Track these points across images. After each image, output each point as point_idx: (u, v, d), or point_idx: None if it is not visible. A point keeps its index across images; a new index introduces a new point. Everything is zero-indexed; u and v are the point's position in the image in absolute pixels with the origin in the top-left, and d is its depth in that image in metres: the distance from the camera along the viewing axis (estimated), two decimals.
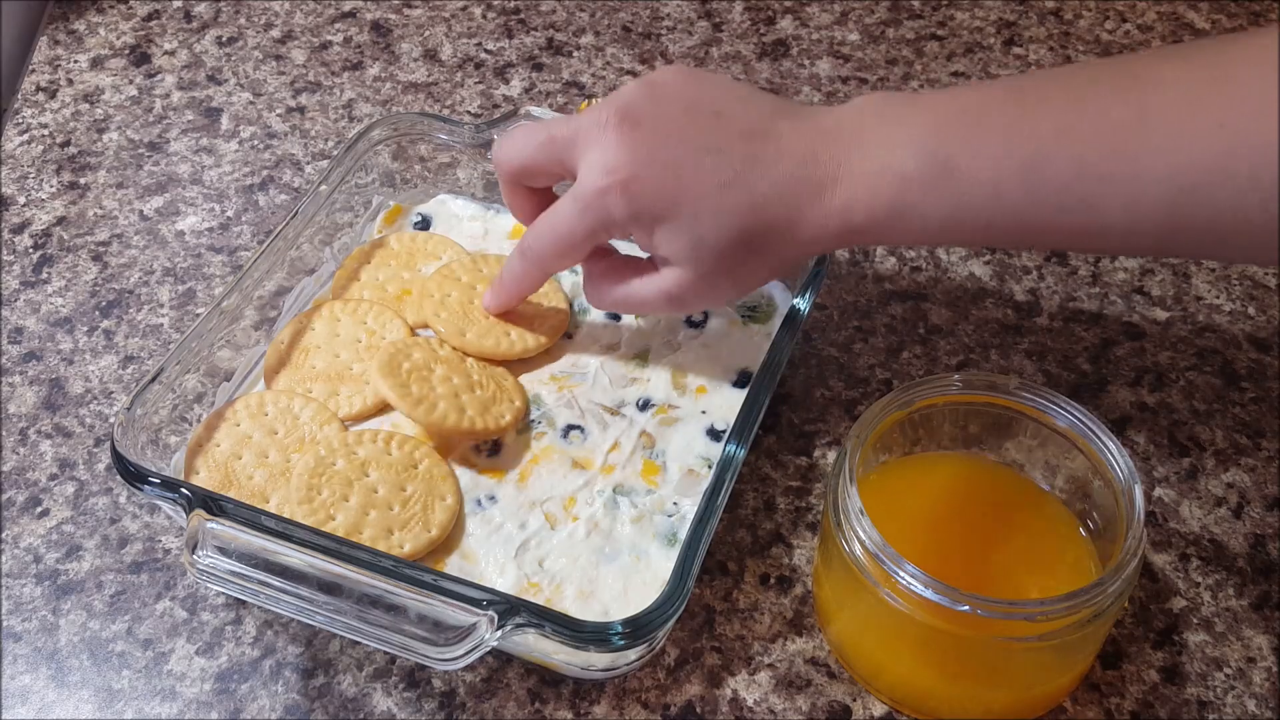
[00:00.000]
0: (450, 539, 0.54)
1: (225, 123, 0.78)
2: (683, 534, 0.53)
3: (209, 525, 0.48)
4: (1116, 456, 0.49)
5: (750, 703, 0.51)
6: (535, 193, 0.57)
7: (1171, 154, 0.43)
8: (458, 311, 0.60)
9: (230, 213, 0.72)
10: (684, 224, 0.50)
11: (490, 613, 0.46)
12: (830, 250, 0.52)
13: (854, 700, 0.51)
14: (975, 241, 0.54)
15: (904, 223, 0.48)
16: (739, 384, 0.60)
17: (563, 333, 0.61)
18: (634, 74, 0.80)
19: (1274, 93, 0.41)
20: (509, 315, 0.60)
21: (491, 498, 0.55)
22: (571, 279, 0.64)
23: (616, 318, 0.63)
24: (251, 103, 0.79)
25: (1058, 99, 0.46)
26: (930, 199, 0.47)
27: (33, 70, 0.81)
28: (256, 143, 0.76)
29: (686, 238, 0.50)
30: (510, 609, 0.46)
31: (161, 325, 0.66)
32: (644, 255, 0.54)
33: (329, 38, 0.84)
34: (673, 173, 0.50)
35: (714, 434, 0.58)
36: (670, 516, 0.54)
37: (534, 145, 0.54)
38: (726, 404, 0.58)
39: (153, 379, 0.54)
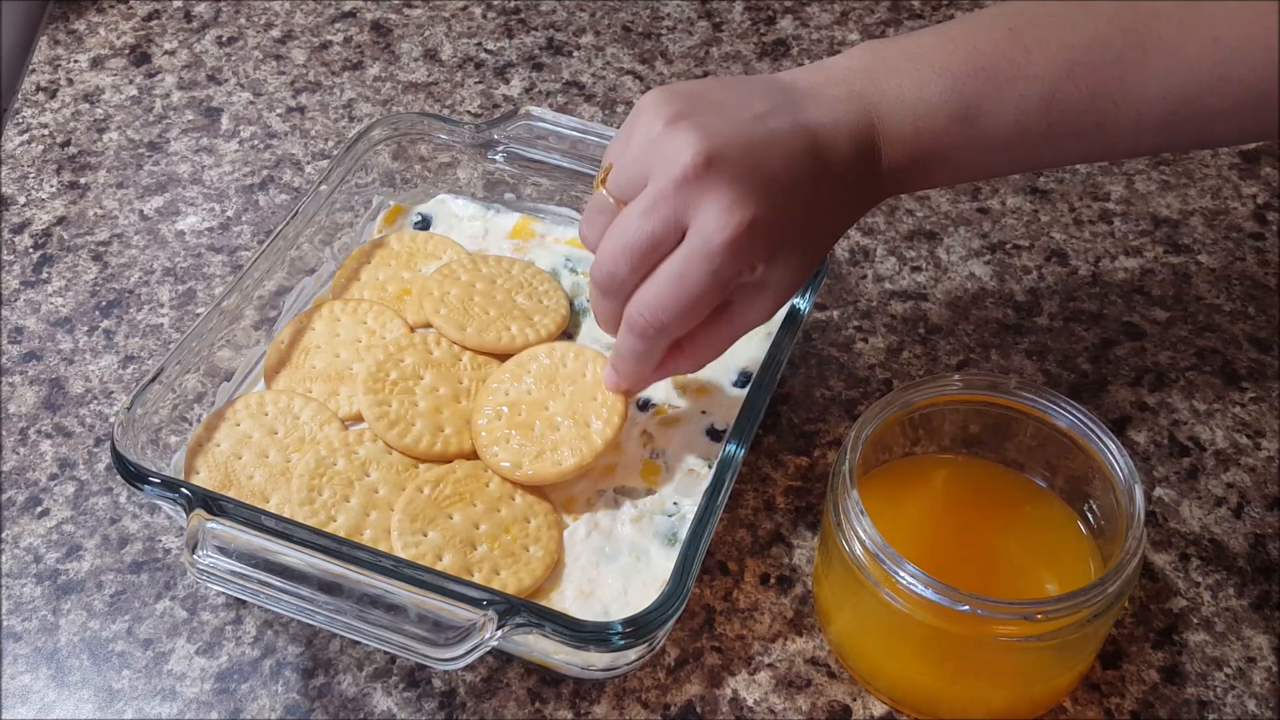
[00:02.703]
0: None
1: (225, 123, 0.78)
2: (683, 534, 0.53)
3: (209, 525, 0.48)
4: (1116, 456, 0.49)
5: (750, 703, 0.51)
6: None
7: (1171, 75, 0.47)
8: (458, 308, 0.60)
9: (230, 213, 0.72)
10: (790, 253, 0.49)
11: (490, 613, 0.46)
12: (885, 197, 0.52)
13: (854, 700, 0.51)
14: (996, 172, 0.56)
15: (934, 167, 0.50)
16: (739, 384, 0.60)
17: (564, 328, 0.61)
18: (634, 74, 0.80)
19: (1258, 8, 0.46)
20: (510, 311, 0.60)
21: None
22: (572, 279, 0.64)
23: None
24: (251, 103, 0.79)
25: (1058, 37, 0.48)
26: (958, 146, 0.49)
27: (33, 70, 0.81)
28: (256, 143, 0.76)
29: (794, 265, 0.49)
30: (510, 609, 0.46)
31: (161, 325, 0.66)
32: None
33: (329, 38, 0.84)
34: (776, 213, 0.47)
35: (714, 434, 0.58)
36: (670, 516, 0.54)
37: (636, 253, 0.48)
38: (726, 404, 0.58)
39: (153, 379, 0.54)
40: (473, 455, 0.55)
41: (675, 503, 0.55)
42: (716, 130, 0.47)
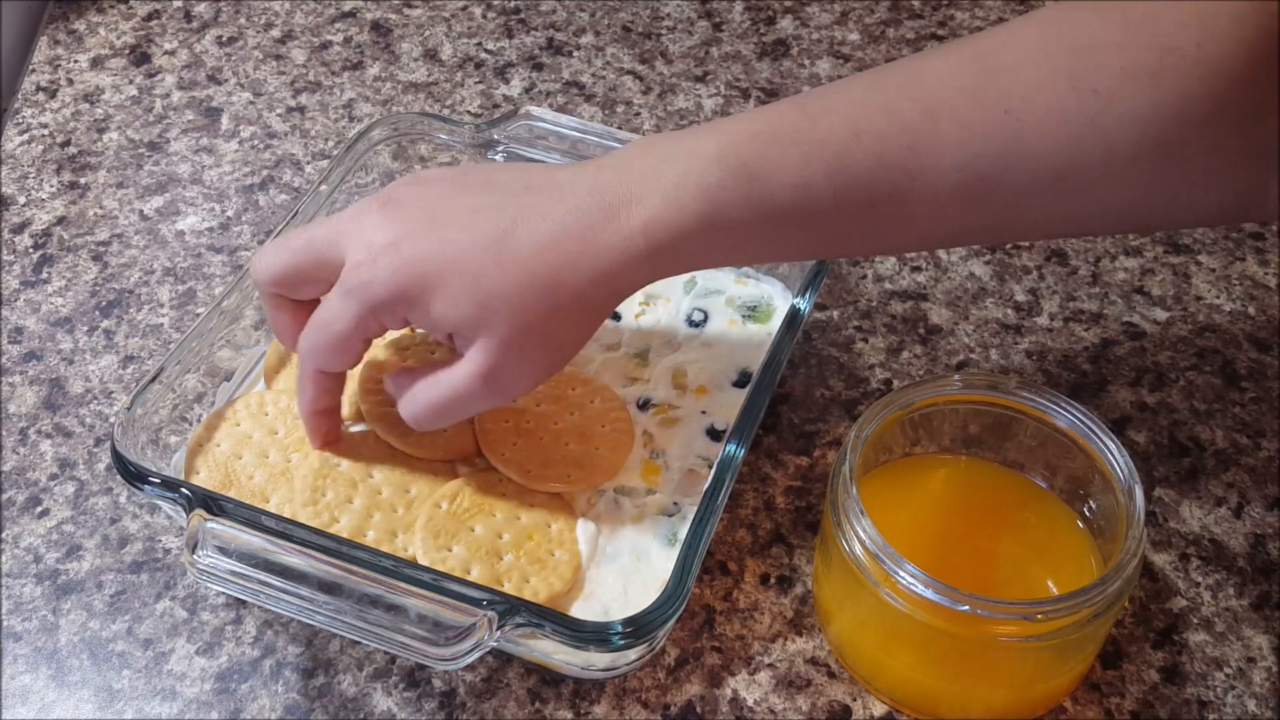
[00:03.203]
0: None
1: (225, 123, 0.78)
2: (683, 534, 0.53)
3: (209, 525, 0.48)
4: (1116, 456, 0.49)
5: (750, 703, 0.51)
6: (301, 308, 0.51)
7: (964, 145, 0.44)
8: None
9: (230, 213, 0.72)
10: (465, 282, 0.46)
11: (490, 613, 0.46)
12: (641, 284, 0.48)
13: (854, 700, 0.51)
14: (789, 250, 0.50)
15: (714, 234, 0.46)
16: (739, 384, 0.60)
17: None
18: (634, 74, 0.80)
19: (1045, 74, 0.43)
20: None
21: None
22: None
23: (616, 317, 0.63)
24: (251, 103, 0.79)
25: (844, 109, 0.46)
26: (738, 205, 0.45)
27: (33, 70, 0.81)
28: (256, 143, 0.76)
29: (471, 296, 0.46)
30: (510, 609, 0.46)
31: (161, 325, 0.66)
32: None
33: (329, 38, 0.84)
34: (440, 236, 0.46)
35: (714, 434, 0.58)
36: (670, 516, 0.54)
37: (292, 250, 0.49)
38: (726, 404, 0.58)
39: (153, 379, 0.54)
40: (470, 454, 0.55)
41: (675, 503, 0.55)
42: (413, 233, 0.47)
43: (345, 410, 0.56)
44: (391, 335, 0.60)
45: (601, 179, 0.46)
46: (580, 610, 0.51)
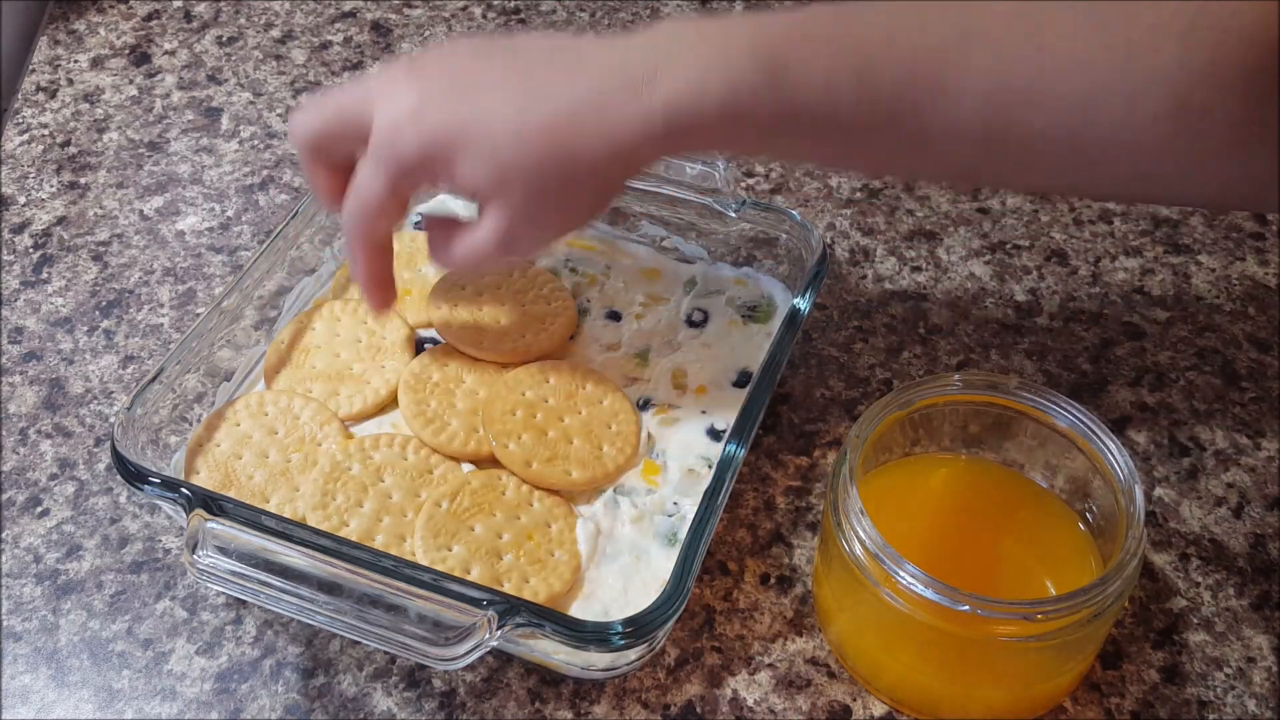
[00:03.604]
0: None
1: (225, 122, 0.78)
2: (683, 534, 0.53)
3: (209, 525, 0.48)
4: (1116, 456, 0.49)
5: (750, 703, 0.51)
6: (337, 171, 0.53)
7: (990, 75, 0.44)
8: (470, 323, 0.60)
9: (230, 213, 0.72)
10: (483, 151, 0.47)
11: (490, 613, 0.46)
12: (654, 159, 0.48)
13: (854, 700, 0.51)
14: (803, 152, 0.51)
15: (733, 122, 0.46)
16: (739, 384, 0.60)
17: (572, 329, 0.61)
18: None
19: (1078, 17, 0.43)
20: (519, 319, 0.60)
21: None
22: (573, 279, 0.64)
23: (616, 317, 0.63)
24: (251, 102, 0.79)
25: (880, 17, 0.46)
26: (761, 97, 0.45)
27: (33, 70, 0.81)
28: (256, 142, 0.76)
29: (489, 165, 0.47)
30: (510, 609, 0.46)
31: (161, 325, 0.66)
32: None
33: (329, 38, 0.84)
34: (464, 100, 0.47)
35: (714, 434, 0.58)
36: (670, 516, 0.54)
37: (325, 111, 0.51)
38: (726, 404, 0.58)
39: (153, 379, 0.54)
40: (488, 458, 0.56)
41: (675, 503, 0.55)
42: (438, 96, 0.48)
43: (415, 318, 0.61)
44: (392, 337, 0.60)
45: (627, 54, 0.47)
46: (580, 610, 0.51)
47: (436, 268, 0.56)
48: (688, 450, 0.57)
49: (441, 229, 0.52)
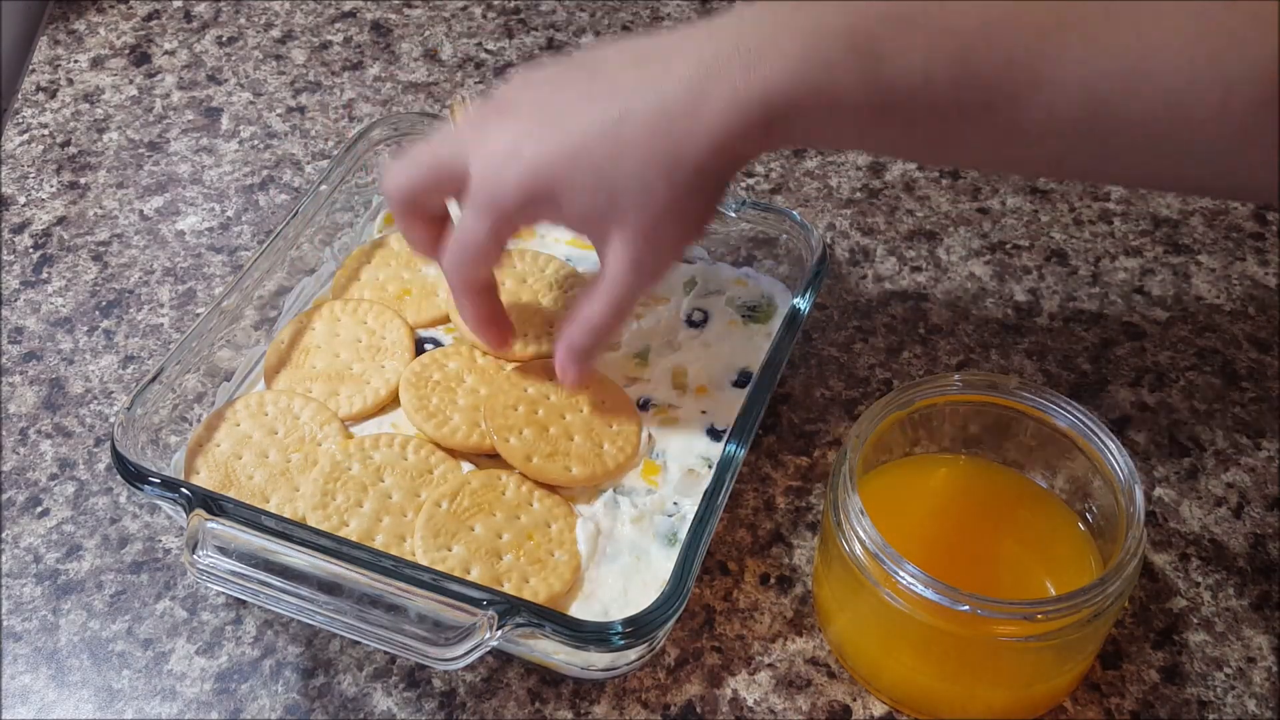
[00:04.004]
0: None
1: (225, 123, 0.78)
2: (683, 534, 0.53)
3: (209, 525, 0.48)
4: (1116, 456, 0.49)
5: (750, 703, 0.51)
6: (433, 222, 0.53)
7: (1089, 61, 0.43)
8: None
9: (230, 213, 0.72)
10: (587, 180, 0.46)
11: (490, 613, 0.46)
12: (757, 154, 0.48)
13: (854, 700, 0.51)
14: (897, 142, 0.49)
15: (829, 111, 0.45)
16: (739, 384, 0.60)
17: None
18: None
19: (1179, 4, 0.42)
20: (531, 317, 0.60)
21: None
22: (575, 279, 0.64)
23: None
24: (251, 103, 0.79)
25: (976, 4, 0.44)
26: (857, 85, 0.44)
27: (33, 70, 0.81)
28: (256, 143, 0.76)
29: (595, 194, 0.46)
30: (510, 609, 0.46)
31: (161, 325, 0.66)
32: None
33: (329, 38, 0.84)
34: (557, 133, 0.46)
35: (714, 434, 0.58)
36: (670, 516, 0.54)
37: (418, 166, 0.51)
38: (726, 404, 0.58)
39: (153, 379, 0.54)
40: (493, 451, 0.56)
41: (675, 503, 0.55)
42: (530, 134, 0.48)
43: (415, 318, 0.61)
44: (392, 337, 0.60)
45: (715, 44, 0.45)
46: (580, 610, 0.51)
47: (572, 346, 0.52)
48: (688, 450, 0.57)
49: (565, 324, 0.52)
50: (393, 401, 0.58)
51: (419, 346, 0.61)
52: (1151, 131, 0.44)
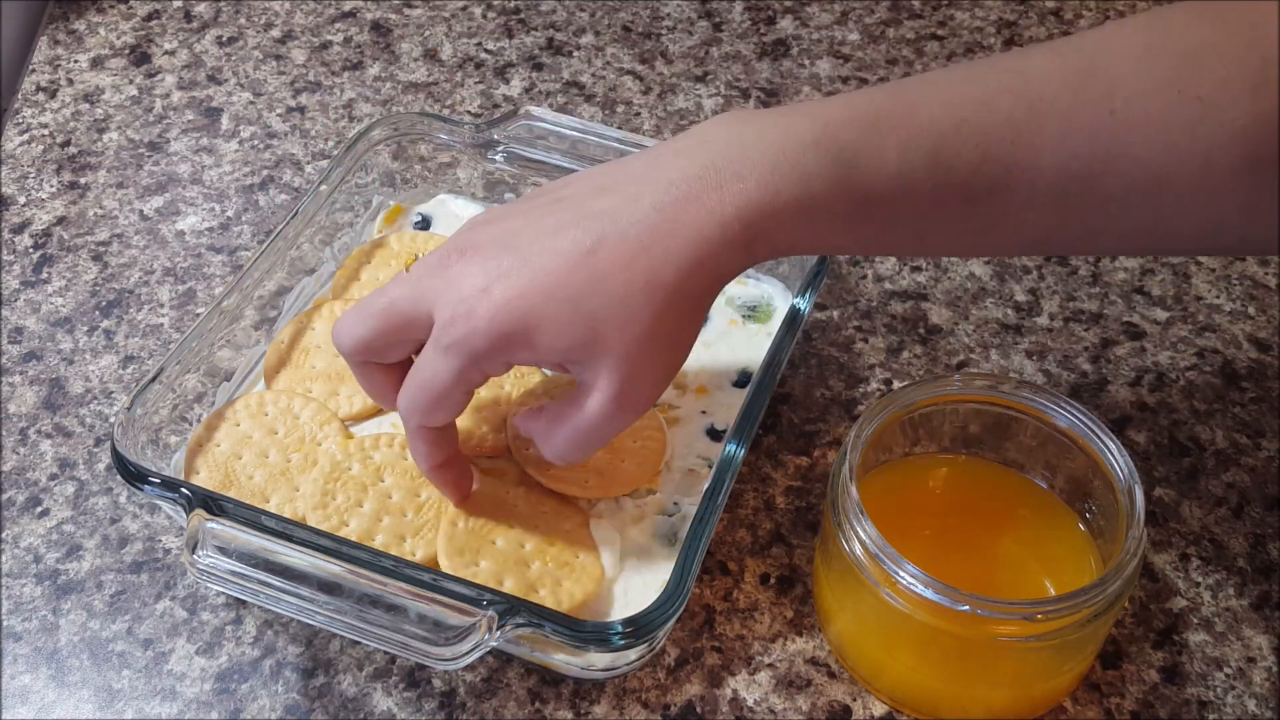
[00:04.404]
0: None
1: (225, 123, 0.78)
2: (683, 534, 0.53)
3: (209, 525, 0.48)
4: (1116, 456, 0.49)
5: (750, 703, 0.51)
6: (392, 370, 0.50)
7: (1065, 143, 0.43)
8: None
9: (230, 213, 0.72)
10: (565, 314, 0.44)
11: (490, 613, 0.46)
12: (737, 271, 0.46)
13: (854, 700, 0.51)
14: (877, 242, 0.48)
15: (808, 221, 0.44)
16: (739, 384, 0.60)
17: None
18: (634, 74, 0.80)
19: (1149, 76, 0.42)
20: None
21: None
22: None
23: None
24: (251, 103, 0.79)
25: (943, 98, 0.44)
26: (833, 193, 0.44)
27: (33, 70, 0.81)
28: (256, 143, 0.76)
29: (574, 327, 0.44)
30: (510, 609, 0.46)
31: (161, 325, 0.66)
32: None
33: (329, 38, 0.84)
34: (528, 269, 0.44)
35: (714, 434, 0.58)
36: (670, 516, 0.54)
37: (374, 316, 0.48)
38: (726, 404, 0.58)
39: (153, 379, 0.54)
40: (504, 453, 0.55)
41: (675, 503, 0.55)
42: (498, 276, 0.45)
43: (350, 409, 0.57)
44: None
45: (683, 166, 0.44)
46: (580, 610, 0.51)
47: (553, 460, 0.49)
48: (688, 450, 0.57)
49: (537, 419, 0.49)
50: None
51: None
52: (1133, 205, 0.44)
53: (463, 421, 0.56)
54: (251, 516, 0.49)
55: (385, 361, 0.49)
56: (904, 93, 0.45)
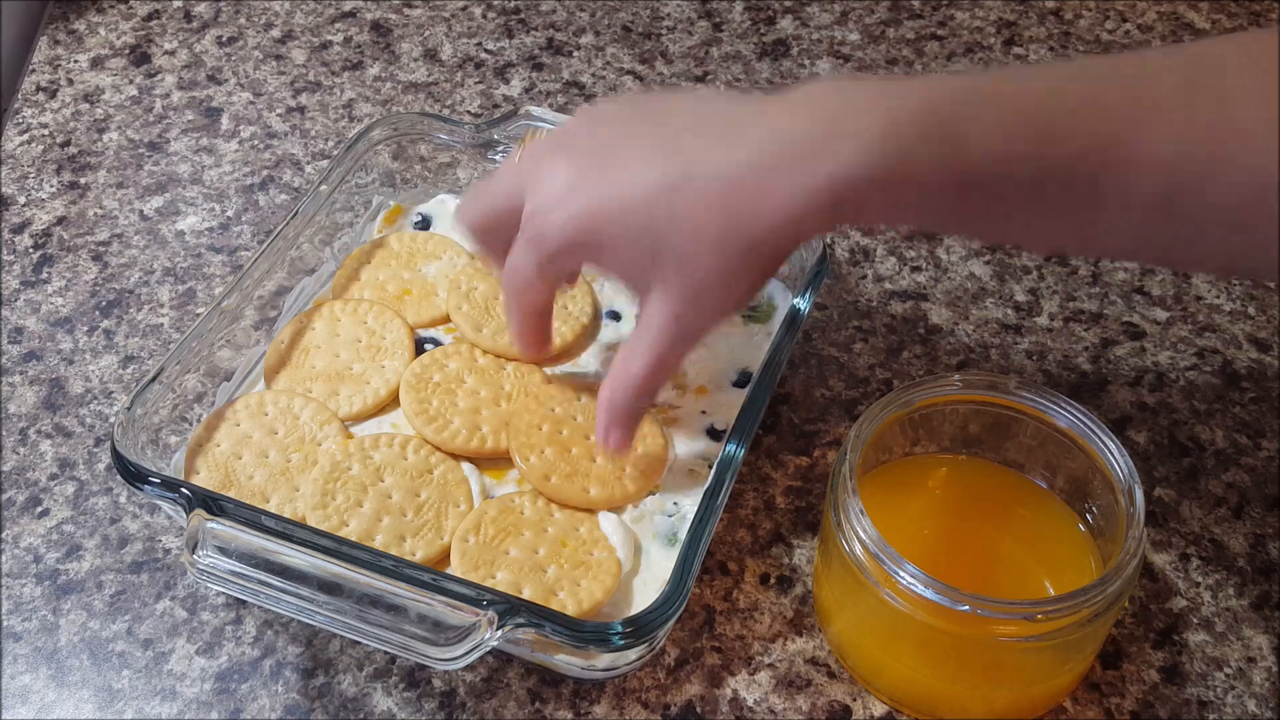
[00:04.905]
0: None
1: (225, 123, 0.78)
2: (683, 534, 0.53)
3: (209, 525, 0.48)
4: (1116, 456, 0.49)
5: (750, 703, 0.51)
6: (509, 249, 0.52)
7: (1174, 141, 0.42)
8: (480, 306, 0.60)
9: (230, 213, 0.72)
10: (633, 237, 0.45)
11: (490, 613, 0.46)
12: (818, 233, 0.46)
13: (854, 700, 0.51)
14: (966, 217, 0.46)
15: (903, 192, 0.43)
16: (739, 384, 0.60)
17: (583, 336, 0.61)
18: (634, 74, 0.80)
19: (1261, 81, 0.41)
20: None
21: (492, 497, 0.55)
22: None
23: (616, 317, 0.63)
24: (251, 103, 0.79)
25: (1052, 84, 0.44)
26: (933, 167, 0.43)
27: (33, 70, 0.81)
28: (256, 143, 0.76)
29: (640, 251, 0.45)
30: (510, 609, 0.46)
31: (161, 325, 0.66)
32: None
33: (329, 38, 0.84)
34: (609, 183, 0.46)
35: (714, 434, 0.58)
36: (670, 516, 0.54)
37: (484, 203, 0.52)
38: (726, 404, 0.58)
39: (153, 379, 0.54)
40: (504, 455, 0.56)
41: (675, 503, 0.55)
42: (584, 181, 0.47)
43: (415, 318, 0.61)
44: (392, 336, 0.60)
45: (790, 121, 0.44)
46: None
47: (614, 406, 0.50)
48: (688, 450, 0.57)
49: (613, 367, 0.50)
50: (393, 401, 0.58)
51: (419, 346, 0.61)
52: (1235, 217, 0.42)
53: (463, 421, 0.56)
54: (251, 516, 0.49)
55: (501, 243, 0.51)
56: (1014, 76, 0.45)
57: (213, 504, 0.49)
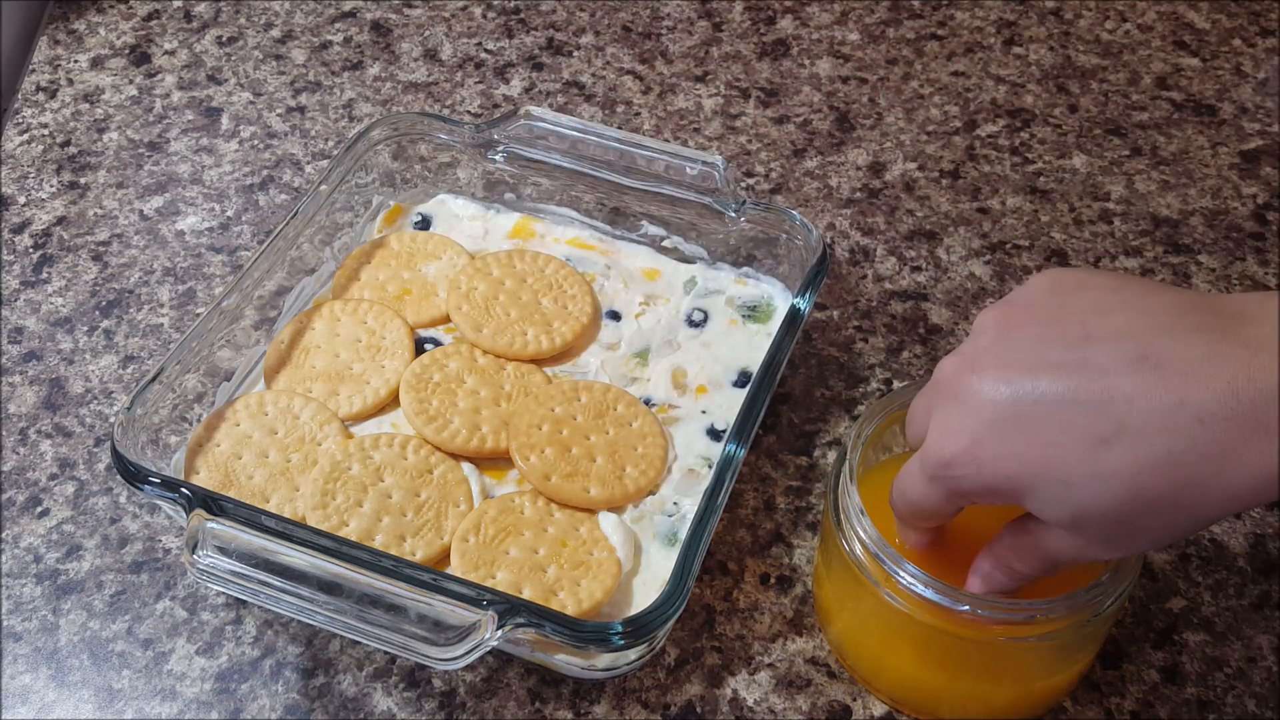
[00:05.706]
0: None
1: (225, 122, 0.78)
2: (683, 534, 0.53)
3: (209, 525, 0.48)
4: None
5: (750, 702, 0.51)
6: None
7: None
8: (480, 306, 0.60)
9: (230, 213, 0.72)
10: (1055, 493, 0.39)
11: (490, 613, 0.46)
12: (1264, 503, 0.39)
13: (854, 700, 0.51)
14: None
15: None
16: (739, 384, 0.60)
17: (583, 335, 0.61)
18: (634, 74, 0.80)
19: None
20: (531, 315, 0.61)
21: (492, 497, 0.55)
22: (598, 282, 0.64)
23: (616, 317, 0.63)
24: (251, 102, 0.79)
25: None
26: None
27: (33, 70, 0.81)
28: (256, 142, 0.76)
29: (1061, 511, 0.40)
30: (510, 609, 0.46)
31: (161, 325, 0.66)
32: None
33: (329, 38, 0.84)
34: (1029, 434, 0.39)
35: (714, 434, 0.58)
36: (670, 516, 0.54)
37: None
38: (726, 404, 0.58)
39: (153, 379, 0.54)
40: (504, 455, 0.56)
41: (675, 503, 0.55)
42: (998, 424, 0.40)
43: (415, 318, 0.61)
44: (392, 336, 0.60)
45: (1250, 370, 0.36)
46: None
47: (989, 584, 0.46)
48: (688, 450, 0.57)
49: (991, 561, 0.45)
50: (393, 401, 0.58)
51: (419, 346, 0.61)
52: None
53: (463, 421, 0.56)
54: (251, 516, 0.49)
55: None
56: None
57: (213, 504, 0.49)
